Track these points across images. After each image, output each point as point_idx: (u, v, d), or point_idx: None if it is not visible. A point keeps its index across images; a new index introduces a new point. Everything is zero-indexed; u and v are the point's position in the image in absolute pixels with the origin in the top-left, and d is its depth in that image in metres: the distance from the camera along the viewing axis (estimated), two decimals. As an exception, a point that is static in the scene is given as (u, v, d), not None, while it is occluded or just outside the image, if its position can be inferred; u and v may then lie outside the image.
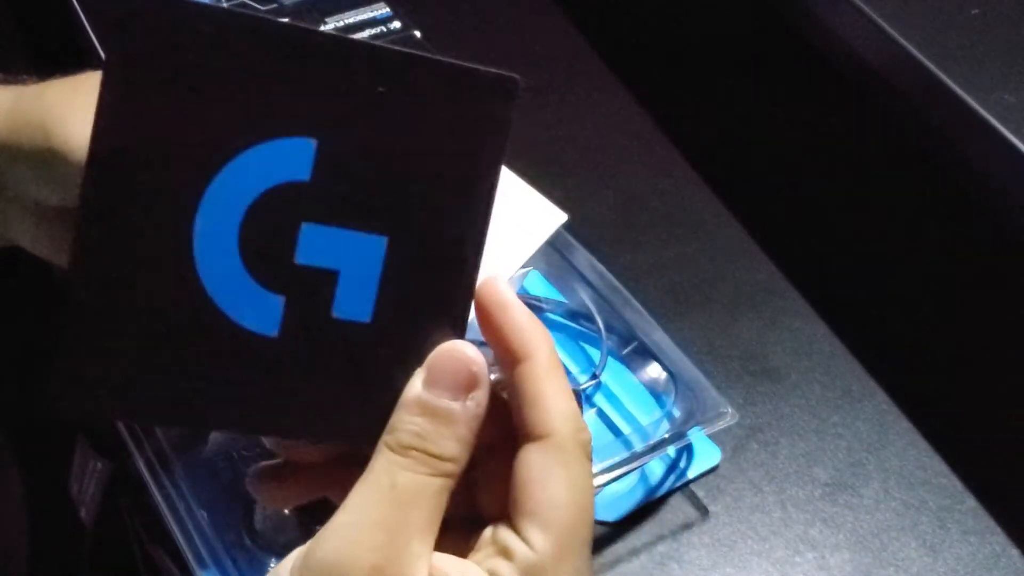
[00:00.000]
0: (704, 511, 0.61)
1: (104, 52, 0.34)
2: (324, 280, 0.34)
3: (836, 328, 0.70)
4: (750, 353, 0.69)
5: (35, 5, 0.90)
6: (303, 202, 0.33)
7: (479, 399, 0.34)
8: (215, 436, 0.61)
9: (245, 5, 0.77)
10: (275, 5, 0.77)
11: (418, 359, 0.35)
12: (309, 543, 0.33)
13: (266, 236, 0.33)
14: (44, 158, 0.48)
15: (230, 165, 0.33)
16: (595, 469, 0.56)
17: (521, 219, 0.39)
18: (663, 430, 0.58)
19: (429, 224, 0.34)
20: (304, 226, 0.34)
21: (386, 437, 0.34)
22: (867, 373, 0.68)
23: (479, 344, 0.35)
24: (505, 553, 0.34)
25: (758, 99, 0.84)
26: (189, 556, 0.54)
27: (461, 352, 0.34)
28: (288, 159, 0.33)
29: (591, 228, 0.74)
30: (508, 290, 0.36)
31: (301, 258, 0.34)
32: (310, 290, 0.34)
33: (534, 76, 0.91)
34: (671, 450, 0.62)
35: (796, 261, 0.74)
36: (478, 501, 0.37)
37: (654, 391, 0.64)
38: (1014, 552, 0.59)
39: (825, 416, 0.66)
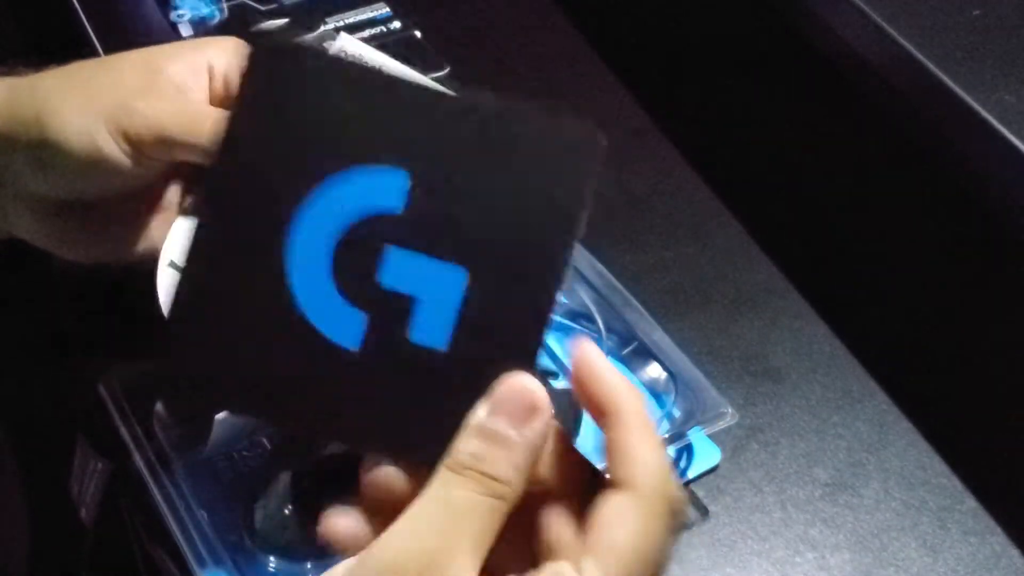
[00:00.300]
0: (704, 511, 0.61)
1: (242, 88, 0.38)
2: (405, 304, 0.37)
3: (836, 328, 0.70)
4: (750, 353, 0.69)
5: (40, 19, 0.90)
6: (393, 228, 0.36)
7: (537, 429, 0.36)
8: (215, 436, 0.61)
9: (245, 5, 0.77)
10: (275, 5, 0.77)
11: (486, 389, 0.36)
12: (366, 549, 0.34)
13: (355, 256, 0.36)
14: (39, 150, 0.48)
15: (331, 183, 0.36)
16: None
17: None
18: (663, 430, 0.58)
19: (510, 263, 0.36)
20: (390, 249, 0.36)
21: (446, 459, 0.35)
22: (867, 373, 0.68)
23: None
24: None
25: (758, 99, 0.84)
26: (189, 556, 0.54)
27: (524, 384, 0.36)
28: (385, 189, 0.36)
29: (591, 228, 0.74)
30: (599, 354, 0.38)
31: (385, 281, 0.37)
32: (391, 312, 0.36)
33: (534, 76, 0.91)
34: (671, 450, 0.62)
35: (796, 261, 0.74)
36: (538, 547, 0.37)
37: (654, 391, 0.64)
38: (1014, 552, 0.59)
39: (825, 416, 0.66)
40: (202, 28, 0.75)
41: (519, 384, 0.37)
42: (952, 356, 0.69)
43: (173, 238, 0.49)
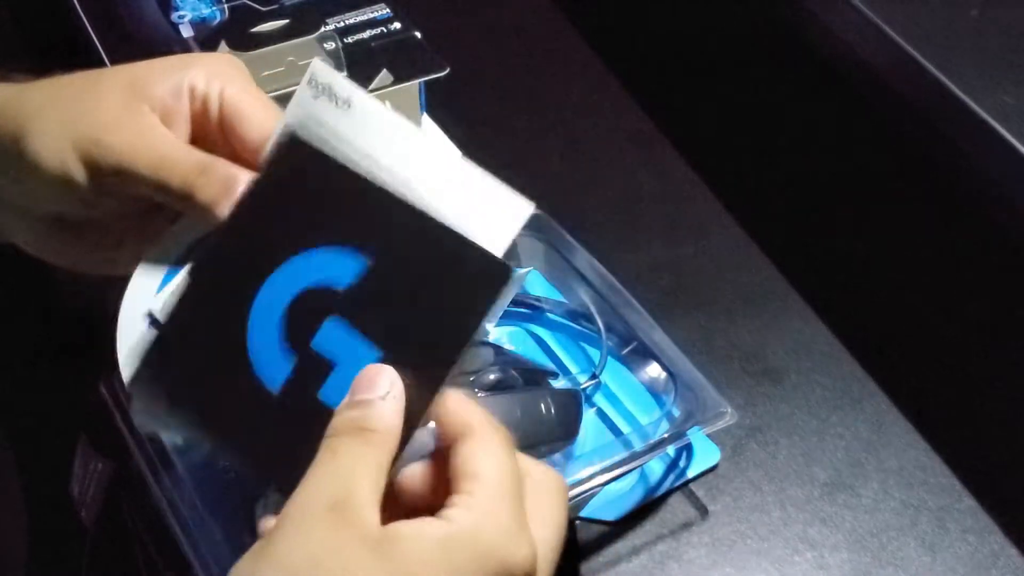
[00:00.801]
0: (704, 511, 0.61)
1: (261, 171, 0.46)
2: (326, 367, 0.43)
3: (835, 329, 0.70)
4: (750, 353, 0.69)
5: (41, 19, 0.90)
6: (338, 302, 0.43)
7: (395, 392, 0.42)
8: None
9: (246, 6, 0.77)
10: (276, 6, 0.77)
11: None
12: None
13: (304, 316, 0.44)
14: (17, 166, 0.48)
15: (303, 255, 0.44)
16: (595, 469, 0.56)
17: (484, 218, 0.42)
18: (663, 430, 0.58)
19: (411, 356, 0.42)
20: (331, 318, 0.43)
21: (325, 435, 0.41)
22: (866, 373, 0.68)
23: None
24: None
25: (758, 100, 0.84)
26: (191, 556, 0.54)
27: (373, 367, 0.42)
28: (340, 268, 0.44)
29: (591, 228, 0.74)
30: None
31: (317, 343, 0.43)
32: (313, 369, 0.43)
33: (533, 76, 0.91)
34: (671, 450, 0.62)
35: (796, 262, 0.74)
36: None
37: (654, 391, 0.64)
38: (1013, 551, 0.60)
39: (824, 416, 0.66)
40: (203, 29, 0.75)
41: (374, 368, 0.42)
42: (951, 356, 0.69)
43: (137, 286, 0.49)
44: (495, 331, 0.68)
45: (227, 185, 0.47)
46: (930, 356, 0.69)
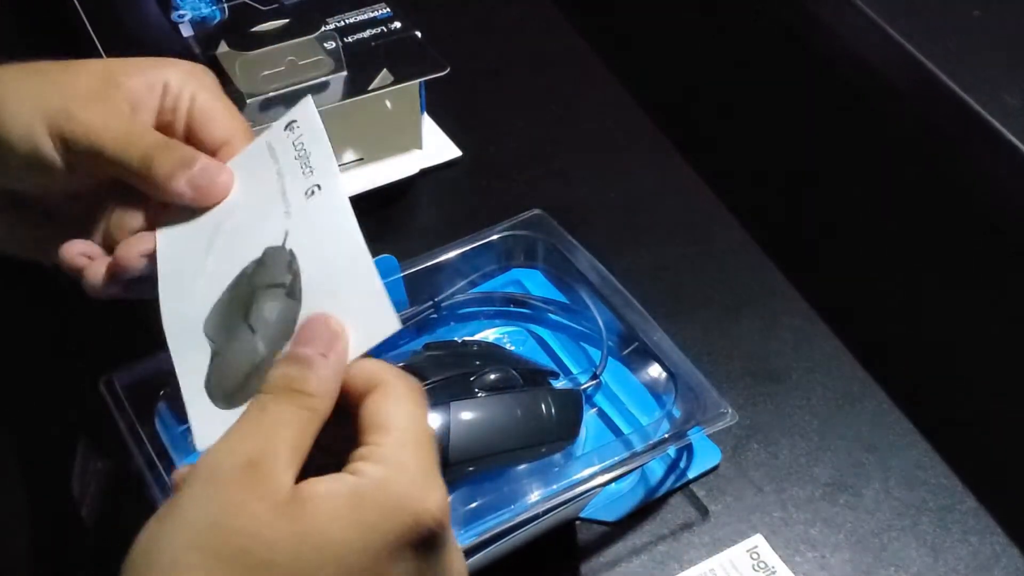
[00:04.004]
0: (704, 511, 0.61)
1: None
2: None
3: (836, 328, 0.70)
4: (750, 353, 0.69)
5: (41, 19, 0.90)
6: None
7: (340, 351, 0.42)
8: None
9: (246, 6, 0.77)
10: (276, 5, 0.77)
11: None
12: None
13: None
14: None
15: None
16: (596, 469, 0.56)
17: (356, 317, 0.42)
18: (663, 430, 0.58)
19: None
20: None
21: (261, 386, 0.41)
22: (867, 373, 0.68)
23: None
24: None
25: (759, 100, 0.84)
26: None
27: (325, 318, 0.42)
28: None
29: (592, 229, 0.74)
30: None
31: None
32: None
33: (534, 76, 0.91)
34: (671, 450, 0.62)
35: (797, 262, 0.74)
36: None
37: (654, 391, 0.64)
38: (1014, 552, 0.59)
39: (825, 416, 0.66)
40: (203, 28, 0.75)
41: (321, 318, 0.42)
42: (953, 356, 0.69)
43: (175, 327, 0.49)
44: (495, 332, 0.68)
45: (183, 161, 0.49)
46: (931, 356, 0.69)
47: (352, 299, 0.43)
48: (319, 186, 0.47)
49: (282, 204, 0.47)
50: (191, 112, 0.51)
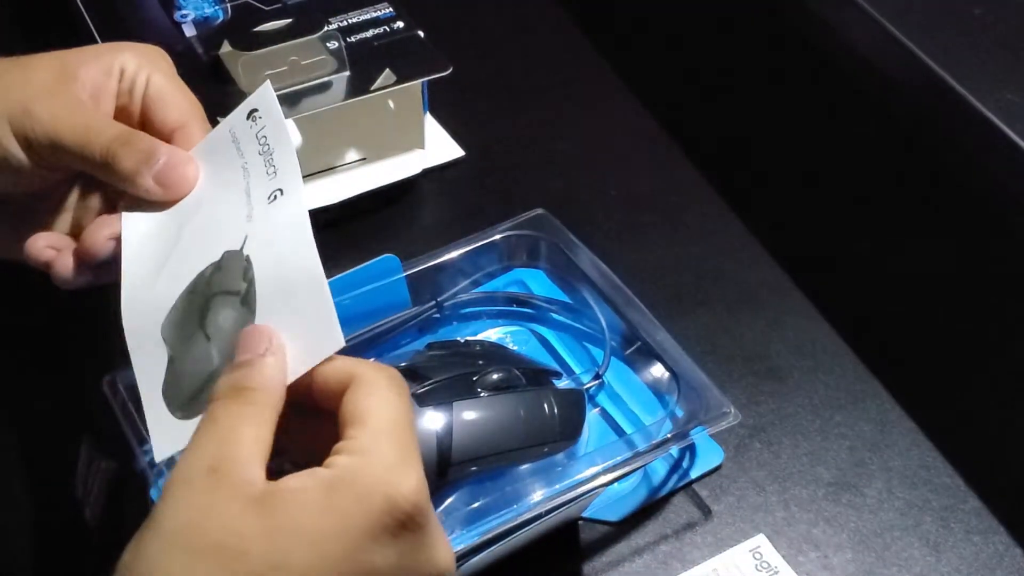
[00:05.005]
0: (707, 511, 0.61)
1: None
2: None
3: (839, 328, 0.70)
4: (753, 353, 0.69)
5: (43, 18, 0.90)
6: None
7: (274, 348, 0.42)
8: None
9: (248, 5, 0.77)
10: (278, 5, 0.77)
11: None
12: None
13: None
14: None
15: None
16: (598, 469, 0.56)
17: (304, 333, 0.43)
18: (666, 430, 0.58)
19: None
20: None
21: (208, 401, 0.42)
22: (870, 373, 0.68)
23: None
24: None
25: (761, 98, 0.84)
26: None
27: (256, 327, 0.43)
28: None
29: (594, 228, 0.74)
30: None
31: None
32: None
33: (536, 76, 0.91)
34: (674, 450, 0.62)
35: (799, 261, 0.74)
36: None
37: (657, 391, 0.64)
38: (1017, 552, 0.59)
39: (828, 416, 0.66)
40: (205, 28, 0.75)
41: (257, 329, 0.43)
42: (955, 355, 0.69)
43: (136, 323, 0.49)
44: (498, 331, 0.68)
45: (147, 155, 0.49)
46: (934, 355, 0.69)
47: (302, 314, 0.44)
48: (281, 191, 0.47)
49: (246, 206, 0.48)
50: (146, 95, 0.51)
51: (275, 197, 0.47)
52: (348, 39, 0.75)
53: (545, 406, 0.59)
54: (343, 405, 0.41)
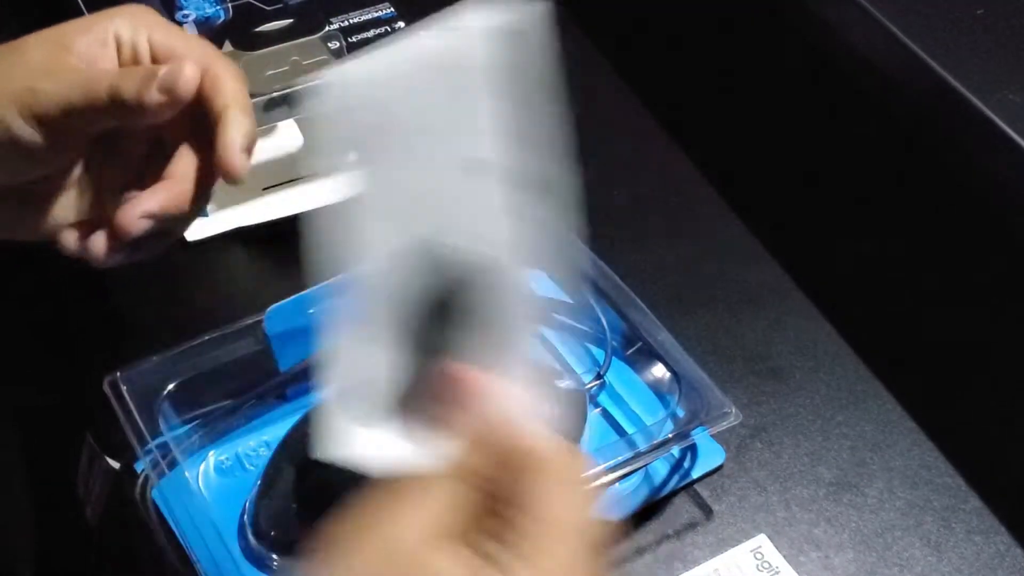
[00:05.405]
0: (708, 511, 0.61)
1: None
2: None
3: (840, 328, 0.70)
4: (754, 353, 0.69)
5: (45, 19, 0.90)
6: None
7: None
8: (219, 433, 0.62)
9: (250, 5, 0.77)
10: (280, 5, 0.77)
11: None
12: None
13: None
14: None
15: None
16: (599, 469, 0.56)
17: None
18: (667, 430, 0.58)
19: None
20: None
21: None
22: (871, 373, 0.68)
23: None
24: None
25: (763, 98, 0.84)
26: (194, 555, 0.54)
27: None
28: None
29: (596, 228, 0.74)
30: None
31: None
32: None
33: (538, 76, 0.91)
34: (675, 450, 0.62)
35: (800, 261, 0.74)
36: None
37: (658, 391, 0.64)
38: (1018, 552, 0.59)
39: (829, 416, 0.66)
40: (207, 28, 0.75)
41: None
42: (956, 355, 0.69)
43: None
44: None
45: (148, 74, 0.48)
46: (935, 355, 0.69)
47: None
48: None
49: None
50: (154, 55, 0.51)
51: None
52: (349, 39, 0.75)
53: (546, 407, 0.59)
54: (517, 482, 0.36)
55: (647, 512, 0.61)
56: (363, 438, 0.38)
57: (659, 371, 0.63)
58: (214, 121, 0.49)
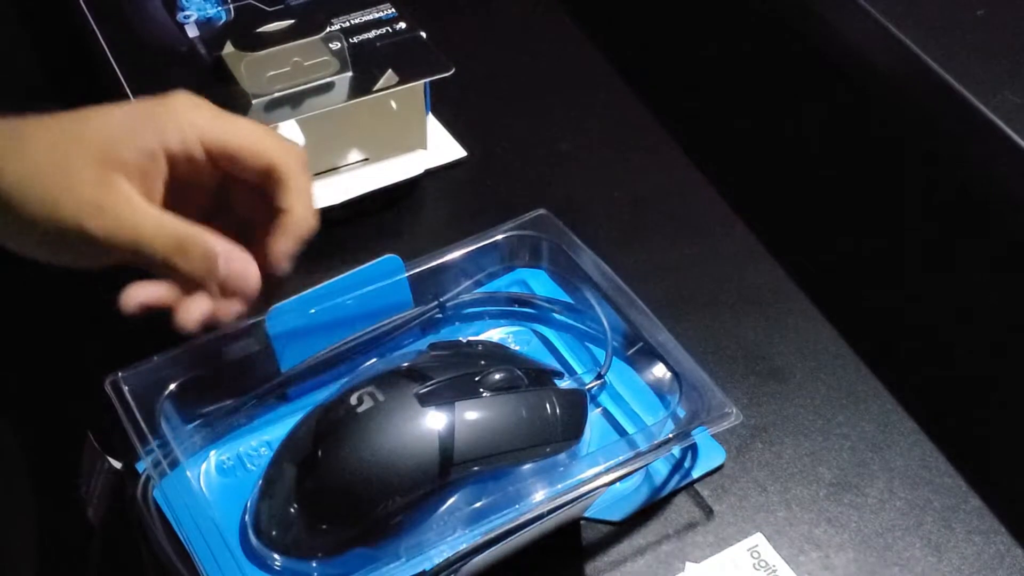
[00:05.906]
0: (709, 511, 0.61)
1: None
2: None
3: (841, 328, 0.70)
4: (755, 353, 0.69)
5: (46, 19, 0.90)
6: None
7: None
8: (220, 432, 0.62)
9: (251, 6, 0.77)
10: (281, 6, 0.77)
11: None
12: None
13: None
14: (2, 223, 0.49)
15: None
16: (600, 469, 0.56)
17: None
18: (668, 430, 0.58)
19: None
20: None
21: None
22: (872, 373, 0.68)
23: None
24: None
25: (764, 100, 0.84)
26: (195, 555, 0.54)
27: None
28: None
29: (596, 229, 0.74)
30: None
31: None
32: None
33: (538, 76, 0.91)
34: (676, 450, 0.62)
35: (801, 262, 0.74)
36: None
37: (659, 391, 0.64)
38: (1019, 552, 0.59)
39: (830, 416, 0.66)
40: (208, 29, 0.75)
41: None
42: (957, 356, 0.69)
43: None
44: (500, 331, 0.69)
45: (207, 262, 0.51)
46: (936, 355, 0.69)
47: None
48: None
49: None
50: (211, 156, 0.51)
51: None
52: (351, 40, 0.75)
53: (547, 406, 0.59)
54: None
55: (647, 512, 0.61)
56: None
57: (660, 371, 0.63)
58: (274, 213, 0.53)
